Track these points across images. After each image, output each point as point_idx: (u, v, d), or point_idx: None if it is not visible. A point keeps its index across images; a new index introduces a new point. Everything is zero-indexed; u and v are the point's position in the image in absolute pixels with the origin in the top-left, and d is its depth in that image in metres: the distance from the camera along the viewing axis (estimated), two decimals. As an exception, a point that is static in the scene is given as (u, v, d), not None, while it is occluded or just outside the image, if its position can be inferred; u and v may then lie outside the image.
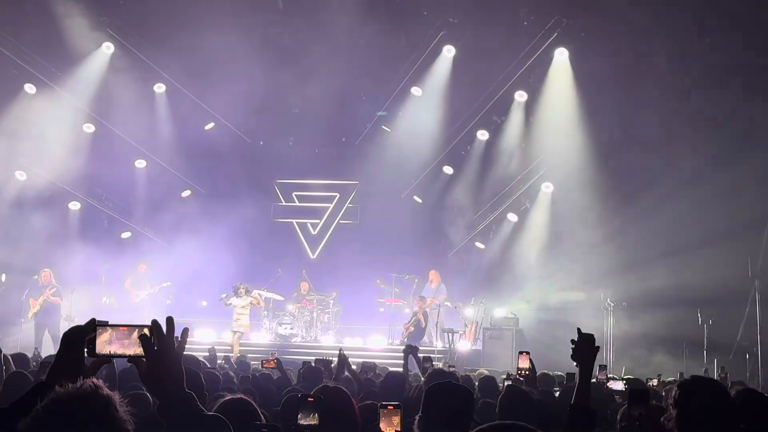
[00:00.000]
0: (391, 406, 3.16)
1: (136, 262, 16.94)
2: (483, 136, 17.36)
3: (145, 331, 2.11)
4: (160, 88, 17.34)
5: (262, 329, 16.66)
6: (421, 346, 14.24)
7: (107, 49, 16.36)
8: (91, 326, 2.13)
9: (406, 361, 7.84)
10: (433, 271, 16.62)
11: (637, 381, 7.51)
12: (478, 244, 17.91)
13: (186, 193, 18.81)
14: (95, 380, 1.83)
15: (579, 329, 3.26)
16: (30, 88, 15.91)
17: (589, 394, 3.18)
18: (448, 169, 17.98)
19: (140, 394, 3.94)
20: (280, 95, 17.19)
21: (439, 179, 18.17)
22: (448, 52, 16.38)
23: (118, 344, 2.12)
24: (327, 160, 19.27)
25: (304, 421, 2.87)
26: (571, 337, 3.24)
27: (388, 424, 3.13)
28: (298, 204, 19.80)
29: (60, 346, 2.16)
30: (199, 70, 16.70)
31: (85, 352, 2.13)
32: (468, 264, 17.88)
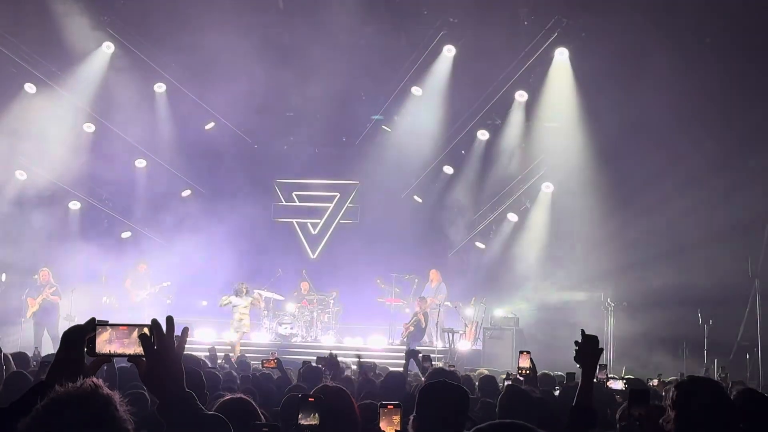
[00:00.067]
0: (391, 406, 3.16)
1: (136, 261, 16.95)
2: (483, 135, 17.34)
3: (145, 330, 2.10)
4: (160, 88, 17.33)
5: (263, 329, 16.66)
6: (421, 346, 14.35)
7: (107, 49, 16.34)
8: (91, 325, 2.13)
9: (407, 363, 7.86)
10: (434, 270, 16.63)
11: (637, 381, 7.51)
12: (479, 244, 17.91)
13: (186, 193, 18.81)
14: (95, 380, 1.83)
15: (583, 330, 3.26)
16: (30, 88, 15.90)
17: (592, 394, 3.18)
18: (449, 169, 17.97)
19: (140, 394, 3.95)
20: (281, 95, 17.17)
21: (440, 179, 18.17)
22: (449, 51, 16.36)
23: (118, 344, 2.12)
24: (327, 160, 19.28)
25: (304, 421, 2.87)
26: (573, 338, 3.24)
27: (388, 424, 3.13)
28: (298, 204, 19.80)
29: (60, 346, 2.16)
30: (200, 70, 16.71)
31: (85, 351, 2.13)
32: (468, 264, 17.89)
